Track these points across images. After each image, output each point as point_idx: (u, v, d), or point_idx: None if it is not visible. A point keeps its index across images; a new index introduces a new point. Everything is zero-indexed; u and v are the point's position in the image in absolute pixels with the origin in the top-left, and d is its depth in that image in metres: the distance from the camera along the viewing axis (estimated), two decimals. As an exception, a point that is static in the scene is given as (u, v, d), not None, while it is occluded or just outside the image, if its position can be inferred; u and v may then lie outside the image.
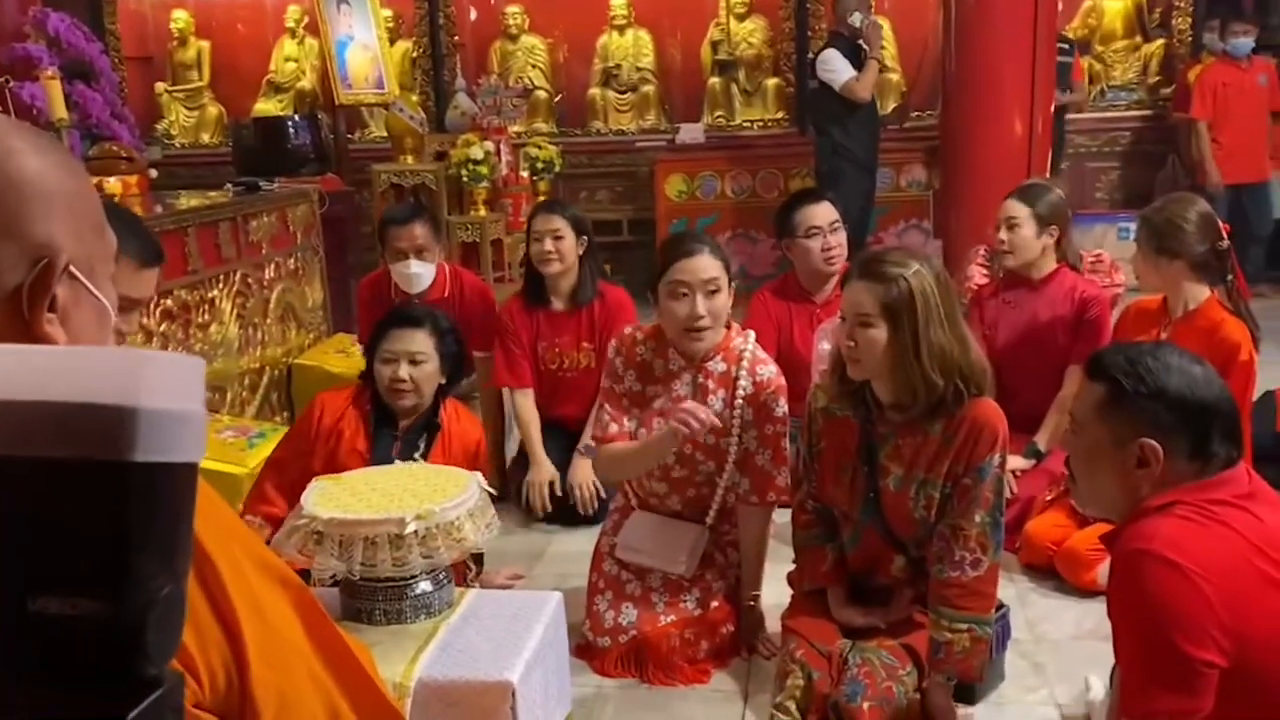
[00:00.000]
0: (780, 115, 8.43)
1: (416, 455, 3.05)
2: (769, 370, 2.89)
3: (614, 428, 2.97)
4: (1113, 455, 1.84)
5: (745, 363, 2.87)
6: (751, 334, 2.97)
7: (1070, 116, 7.67)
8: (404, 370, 3.03)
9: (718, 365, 2.91)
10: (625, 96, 8.63)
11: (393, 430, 3.11)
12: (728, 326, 2.94)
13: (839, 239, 4.05)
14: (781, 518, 3.56)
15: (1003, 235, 3.80)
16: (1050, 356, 3.80)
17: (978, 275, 4.43)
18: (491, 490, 2.41)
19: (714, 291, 2.81)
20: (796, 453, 2.75)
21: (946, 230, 6.20)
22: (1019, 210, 3.79)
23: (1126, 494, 1.84)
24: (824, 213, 4.06)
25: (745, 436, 2.89)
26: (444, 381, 3.15)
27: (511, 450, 4.50)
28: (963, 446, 2.47)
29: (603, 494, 3.88)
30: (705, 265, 2.81)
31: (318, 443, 3.06)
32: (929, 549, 2.54)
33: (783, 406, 2.87)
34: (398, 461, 2.73)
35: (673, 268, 2.81)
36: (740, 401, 2.86)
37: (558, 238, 4.03)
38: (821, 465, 2.67)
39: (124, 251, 2.35)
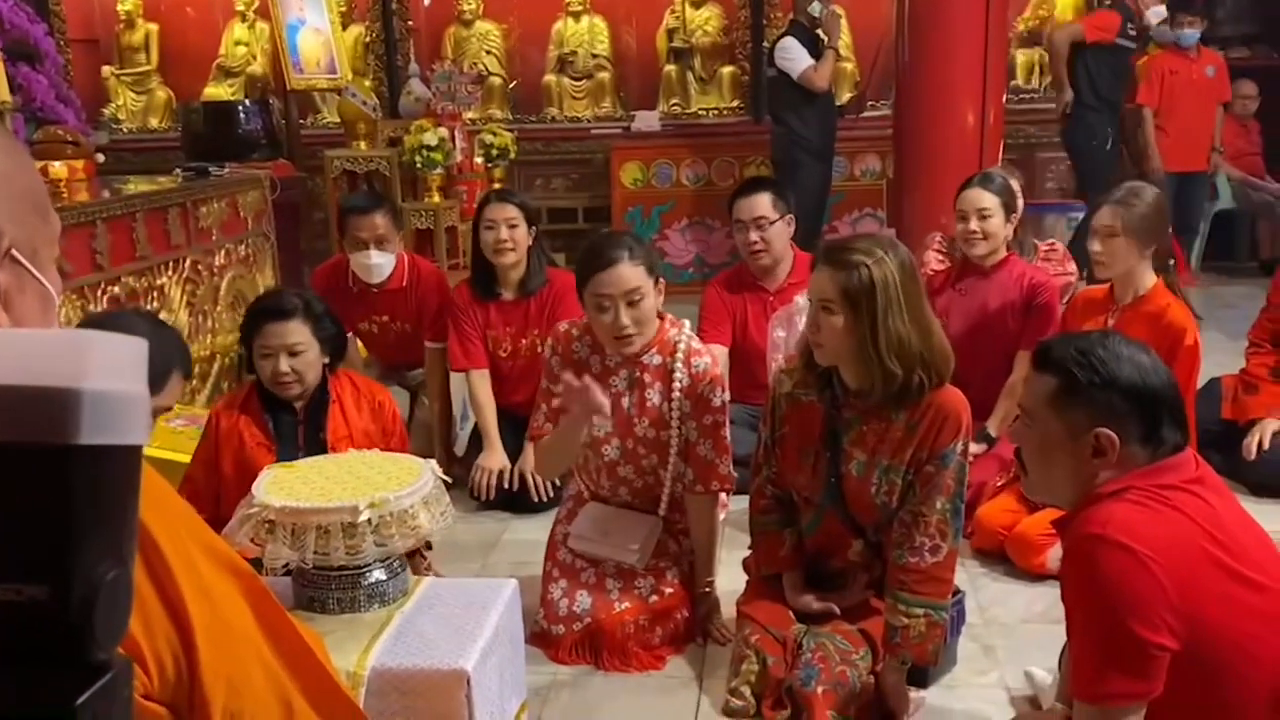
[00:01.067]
0: (735, 103, 8.43)
1: (322, 435, 3.02)
2: (704, 361, 2.89)
3: (549, 427, 2.97)
4: (1067, 446, 1.86)
5: (680, 355, 2.88)
6: (686, 323, 2.97)
7: (1019, 107, 7.76)
8: (284, 364, 2.98)
9: (653, 359, 2.91)
10: (580, 83, 8.59)
11: (291, 415, 3.07)
12: (661, 317, 2.93)
13: (768, 234, 4.05)
14: (738, 504, 3.55)
15: (975, 226, 3.82)
16: (1001, 343, 3.84)
17: (933, 262, 4.47)
18: (446, 478, 2.40)
19: (637, 300, 2.80)
20: (759, 439, 2.75)
21: (900, 218, 6.22)
22: (990, 201, 3.82)
23: (1081, 483, 1.86)
24: (751, 206, 4.06)
25: (685, 428, 2.89)
26: (327, 360, 3.11)
27: (463, 441, 4.49)
28: (926, 433, 2.48)
29: (556, 480, 3.87)
30: (624, 276, 2.78)
31: (223, 450, 3.02)
32: (889, 534, 2.56)
33: (720, 396, 2.87)
34: (339, 452, 2.70)
35: (593, 280, 2.79)
36: (678, 394, 2.86)
37: (513, 226, 4.01)
38: (783, 450, 2.68)
39: (179, 366, 2.34)
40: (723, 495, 3.07)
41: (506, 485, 3.95)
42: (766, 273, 4.17)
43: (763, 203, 4.07)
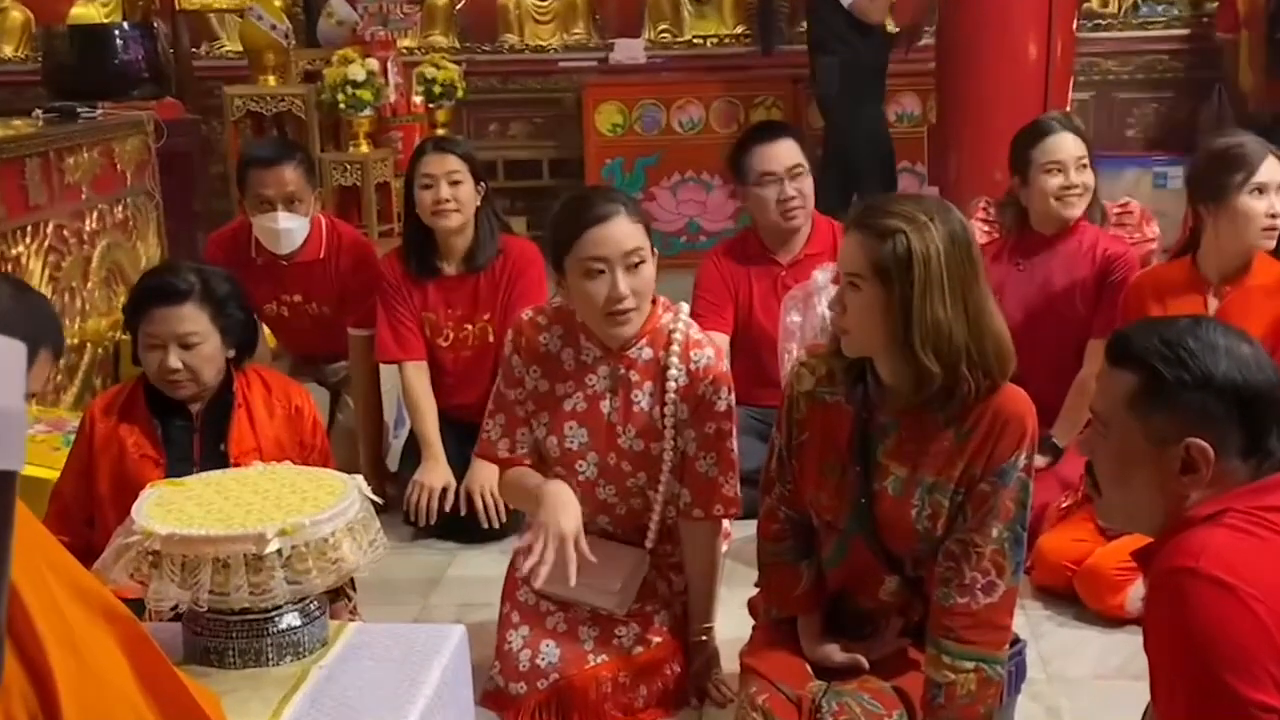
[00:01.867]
0: (740, 29, 8.44)
1: (222, 446, 3.01)
2: (707, 355, 2.89)
3: (503, 445, 2.96)
4: (1151, 459, 1.86)
5: (676, 347, 2.87)
6: (684, 308, 2.96)
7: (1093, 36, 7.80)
8: (174, 358, 2.94)
9: (642, 352, 2.90)
10: (546, 4, 8.58)
11: (185, 420, 3.06)
12: (653, 300, 2.93)
13: (801, 187, 4.07)
14: (742, 531, 3.56)
15: (1075, 179, 3.84)
16: (1069, 330, 3.86)
17: (979, 233, 4.49)
18: (376, 499, 2.39)
19: (637, 264, 2.80)
20: (770, 450, 2.76)
21: (944, 174, 6.24)
22: (1081, 146, 3.87)
23: (1167, 505, 1.86)
24: (783, 154, 4.07)
25: (682, 438, 2.89)
26: (232, 354, 3.10)
27: (396, 449, 4.47)
28: (982, 444, 2.49)
29: (500, 506, 3.88)
30: (624, 233, 2.78)
31: (99, 462, 3.00)
32: (932, 569, 2.56)
33: (726, 399, 2.87)
34: (250, 466, 2.69)
35: (583, 239, 2.78)
36: (672, 396, 2.86)
37: (455, 182, 4.00)
38: (802, 463, 2.68)
39: (49, 342, 2.33)
40: (726, 522, 3.07)
41: (450, 507, 3.95)
42: (781, 241, 4.17)
43: (792, 148, 4.09)
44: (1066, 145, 3.87)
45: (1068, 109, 5.72)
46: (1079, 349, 3.86)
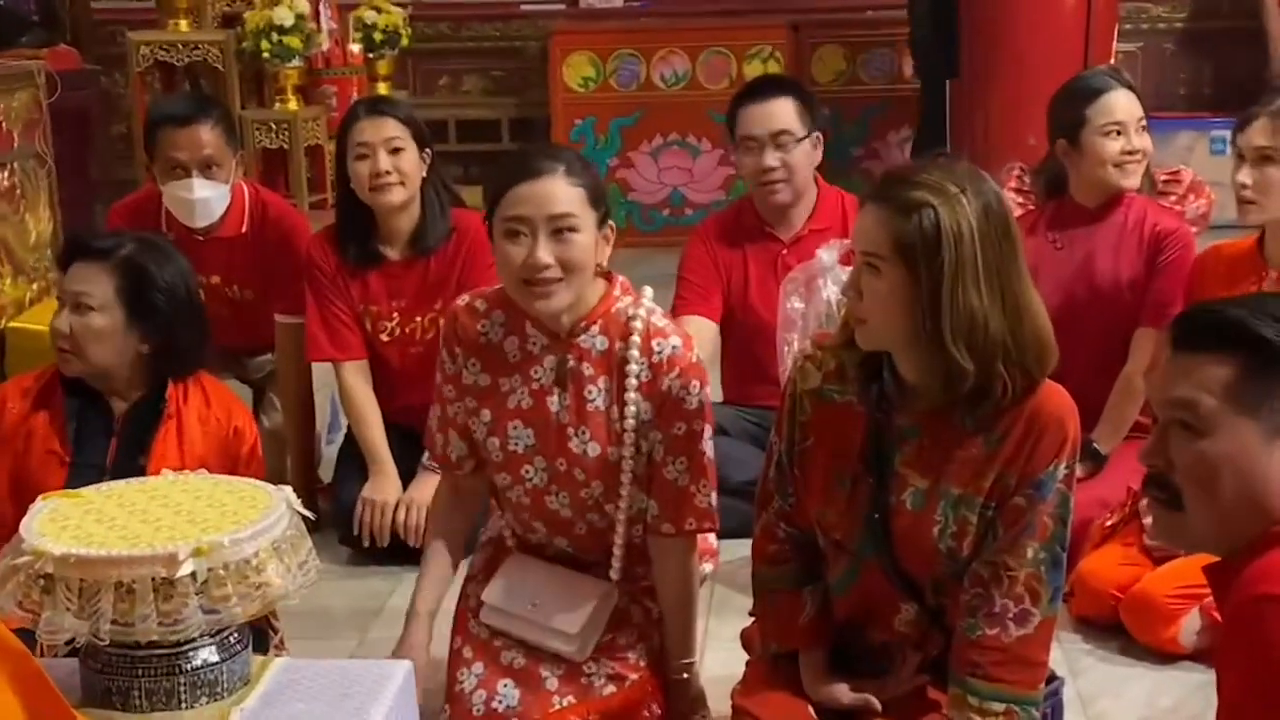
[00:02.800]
0: (733, -32, 8.44)
1: (141, 460, 3.00)
2: (671, 344, 2.88)
3: (456, 446, 3.00)
4: (1256, 460, 1.81)
5: (636, 336, 2.86)
6: (647, 291, 2.95)
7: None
8: (64, 319, 2.99)
9: (595, 340, 2.89)
10: (505, -63, 8.58)
11: (104, 422, 3.05)
12: (609, 280, 2.93)
13: (787, 157, 4.08)
14: (735, 552, 3.55)
15: (1136, 143, 3.86)
16: (1113, 318, 3.88)
17: (1013, 206, 4.50)
18: (307, 514, 2.38)
19: (566, 231, 2.80)
20: (768, 456, 2.76)
21: (969, 137, 6.26)
22: (1138, 106, 3.89)
23: (1261, 517, 1.84)
24: (767, 116, 4.09)
25: (646, 442, 2.89)
26: (145, 349, 3.10)
27: (330, 457, 4.46)
28: (1016, 451, 2.49)
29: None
30: (554, 194, 2.79)
31: (2, 448, 3.02)
32: (956, 596, 2.57)
33: (698, 395, 2.86)
34: (159, 475, 2.68)
35: (508, 195, 2.80)
36: (633, 395, 2.86)
37: (395, 150, 3.99)
38: (806, 472, 2.68)
39: None
40: (708, 538, 3.07)
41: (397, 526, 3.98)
42: (780, 215, 4.17)
43: (784, 110, 4.09)
44: (1125, 104, 3.89)
45: (1112, 62, 5.74)
46: (1125, 339, 3.87)
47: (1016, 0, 5.93)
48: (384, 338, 4.13)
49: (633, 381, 2.85)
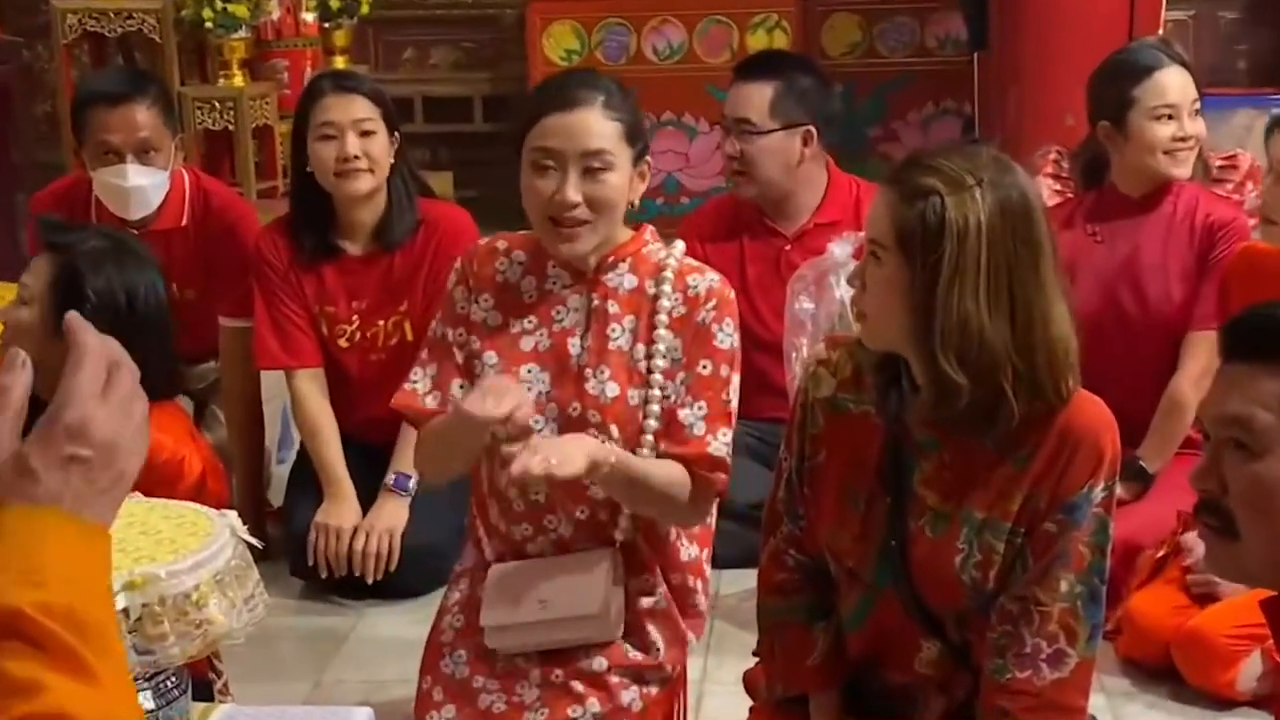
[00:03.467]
0: (732, -73, 8.44)
1: None
2: (709, 279, 2.92)
3: (432, 399, 2.93)
4: None
5: (669, 272, 2.91)
6: (680, 244, 3.01)
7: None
8: (6, 311, 3.03)
9: (624, 279, 2.92)
10: (478, -108, 8.59)
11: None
12: (636, 228, 2.97)
13: (753, 149, 4.12)
14: (738, 583, 3.55)
15: (1189, 129, 3.85)
16: (1161, 321, 3.88)
17: (1047, 193, 4.49)
18: (254, 541, 2.38)
19: (600, 170, 2.84)
20: (777, 475, 2.75)
21: (999, 117, 6.26)
22: (1193, 85, 3.87)
23: None
24: (735, 99, 4.16)
25: (670, 387, 2.89)
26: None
27: (281, 478, 4.46)
28: (1047, 469, 2.49)
29: (393, 556, 3.92)
30: (590, 128, 2.83)
31: None
32: (982, 632, 2.57)
33: (730, 334, 2.88)
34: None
35: (540, 125, 2.85)
36: (664, 333, 2.87)
37: (365, 132, 4.00)
38: (817, 491, 2.68)
39: None
40: (698, 605, 3.03)
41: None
42: (782, 205, 4.18)
43: (752, 97, 4.13)
44: (1179, 84, 3.88)
45: (1160, 33, 5.74)
46: (1174, 345, 3.87)
47: (1052, -37, 5.93)
48: (342, 343, 4.13)
49: (663, 318, 2.88)
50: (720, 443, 2.87)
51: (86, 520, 1.22)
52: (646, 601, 3.01)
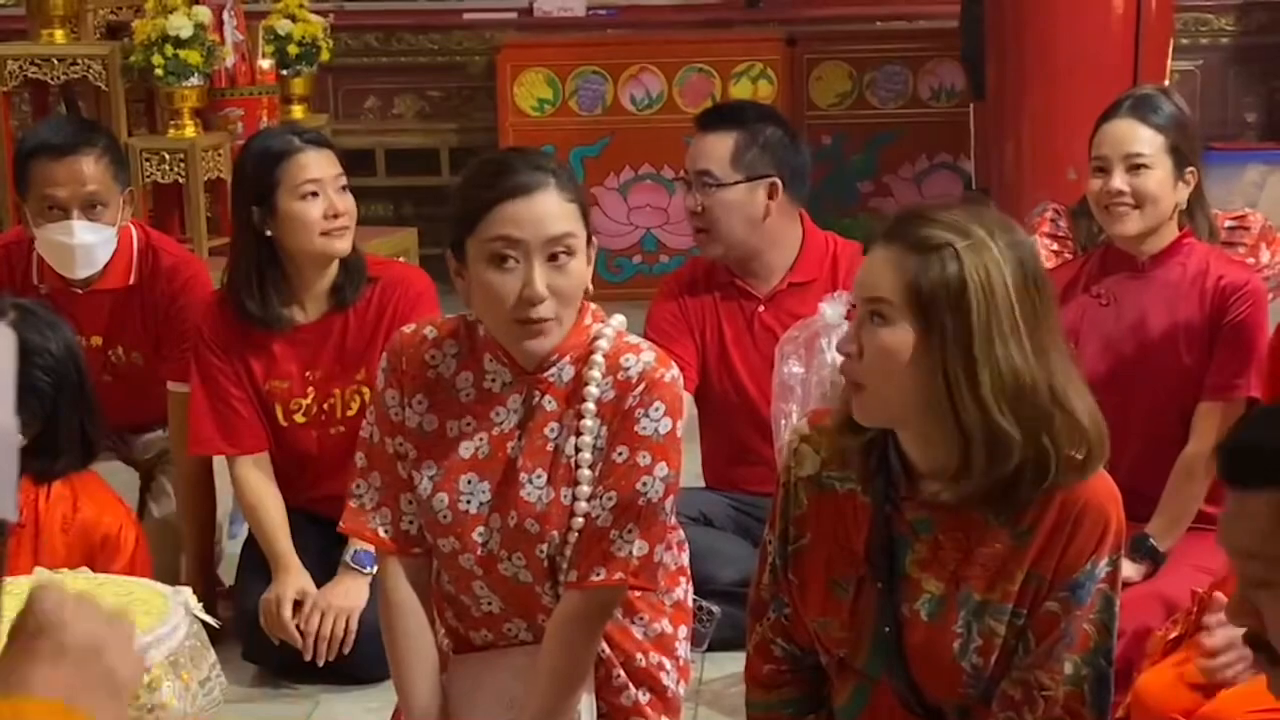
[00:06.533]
0: (714, -29, 8.50)
1: None
2: (644, 360, 2.86)
3: (380, 519, 2.93)
4: None
5: (599, 355, 2.85)
6: (618, 320, 2.96)
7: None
8: None
9: (563, 371, 2.88)
10: (445, -68, 8.63)
11: None
12: (580, 309, 2.91)
13: (712, 202, 4.15)
14: (722, 668, 3.54)
15: (1119, 183, 3.86)
16: (1170, 388, 3.89)
17: (1045, 253, 4.51)
18: (210, 620, 2.38)
19: (564, 255, 2.80)
20: (761, 557, 2.75)
21: (997, 171, 6.29)
22: (1149, 139, 3.87)
23: None
24: (696, 150, 4.22)
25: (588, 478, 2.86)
26: (24, 443, 3.08)
27: (233, 556, 4.45)
28: (1048, 543, 2.49)
29: (349, 637, 3.92)
30: (550, 211, 2.79)
31: None
32: (984, 720, 2.57)
33: (658, 419, 2.81)
34: (37, 573, 2.66)
35: (494, 214, 2.77)
36: (590, 423, 2.84)
37: (343, 187, 4.06)
38: (803, 576, 2.68)
39: None
40: (678, 650, 3.02)
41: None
42: (751, 265, 4.20)
43: (713, 148, 4.17)
44: (1115, 135, 3.89)
45: (1165, 83, 5.78)
46: (1184, 414, 3.88)
47: (1054, 8, 5.96)
48: (298, 418, 4.12)
49: (590, 407, 2.83)
50: (631, 545, 2.81)
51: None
52: (622, 699, 3.00)
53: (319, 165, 4.03)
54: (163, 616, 2.31)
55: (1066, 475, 2.46)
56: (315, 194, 3.99)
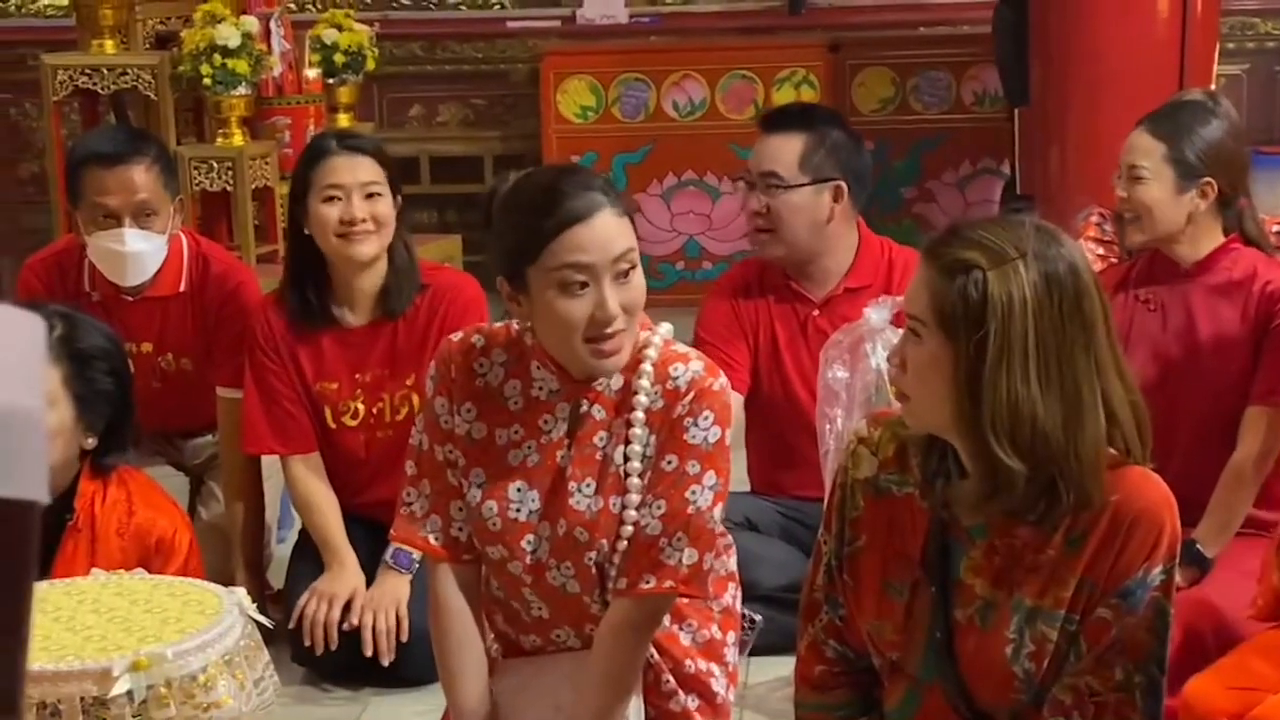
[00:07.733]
0: (758, -21, 8.51)
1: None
2: (692, 369, 2.86)
3: (431, 526, 2.93)
4: None
5: (648, 365, 2.85)
6: (665, 328, 2.96)
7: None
8: None
9: (611, 381, 2.87)
10: (489, -58, 8.65)
11: None
12: None
13: (778, 204, 4.14)
14: (768, 671, 3.54)
15: (1120, 191, 3.87)
16: (1217, 393, 3.87)
17: (1091, 257, 4.50)
18: (264, 620, 2.40)
19: (628, 271, 2.79)
20: (815, 558, 2.76)
21: (1042, 178, 6.28)
22: (1147, 146, 3.87)
23: None
24: (762, 152, 4.20)
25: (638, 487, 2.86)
26: (91, 443, 3.11)
27: (281, 560, 4.48)
28: (1101, 550, 2.49)
29: (402, 626, 3.91)
30: (611, 232, 2.77)
31: None
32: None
33: (707, 429, 2.81)
34: (95, 575, 2.69)
35: (558, 242, 2.75)
36: (639, 431, 2.85)
37: (372, 195, 4.03)
38: (858, 578, 2.68)
39: None
40: (726, 655, 3.03)
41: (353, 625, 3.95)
42: (808, 268, 4.21)
43: (781, 149, 4.16)
44: (1126, 144, 3.91)
45: (1211, 87, 5.77)
46: (1232, 420, 3.87)
47: (1098, 13, 5.95)
48: (348, 421, 4.14)
49: (639, 415, 2.83)
50: (680, 554, 2.81)
51: None
52: (671, 705, 3.01)
53: (347, 171, 4.02)
54: (217, 617, 2.33)
55: (1068, 498, 2.45)
56: (337, 199, 4.00)
